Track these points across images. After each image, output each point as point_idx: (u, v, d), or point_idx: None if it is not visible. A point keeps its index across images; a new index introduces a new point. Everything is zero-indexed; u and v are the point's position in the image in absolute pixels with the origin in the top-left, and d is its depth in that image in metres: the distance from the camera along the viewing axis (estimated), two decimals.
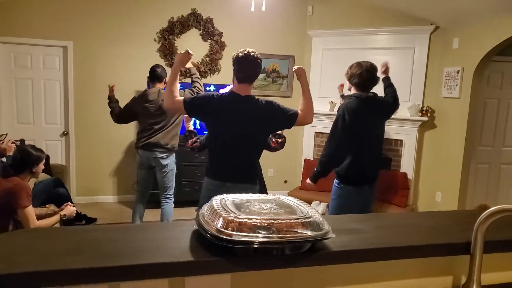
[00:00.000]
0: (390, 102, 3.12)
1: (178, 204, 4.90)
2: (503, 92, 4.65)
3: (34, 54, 4.73)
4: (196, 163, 4.91)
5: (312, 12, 5.45)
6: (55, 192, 3.70)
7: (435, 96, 4.79)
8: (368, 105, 2.89)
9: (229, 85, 4.94)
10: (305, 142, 5.56)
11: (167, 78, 3.55)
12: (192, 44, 5.11)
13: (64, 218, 2.95)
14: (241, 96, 2.34)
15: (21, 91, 4.76)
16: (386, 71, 3.26)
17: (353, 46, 5.23)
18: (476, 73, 4.33)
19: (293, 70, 2.49)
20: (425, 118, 4.77)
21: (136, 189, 3.84)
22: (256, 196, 1.24)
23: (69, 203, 3.08)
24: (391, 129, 4.96)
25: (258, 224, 1.01)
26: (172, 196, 3.76)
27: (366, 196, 2.98)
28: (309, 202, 5.08)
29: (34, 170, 2.80)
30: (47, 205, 3.56)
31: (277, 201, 1.21)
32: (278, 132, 2.88)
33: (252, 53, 2.30)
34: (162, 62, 5.04)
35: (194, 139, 2.91)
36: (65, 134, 4.93)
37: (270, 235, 1.00)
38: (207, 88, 5.04)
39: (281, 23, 5.44)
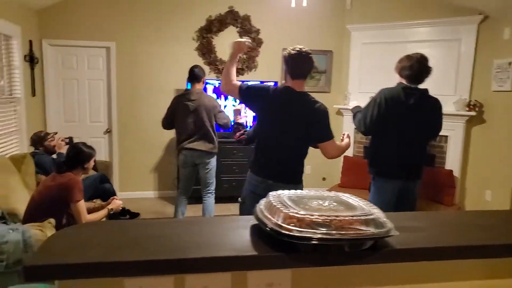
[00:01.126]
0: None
1: (216, 200, 4.97)
2: None
3: (80, 55, 4.91)
4: (235, 160, 4.94)
5: (351, 5, 5.33)
6: (101, 187, 3.82)
7: (484, 89, 4.56)
8: (409, 96, 2.79)
9: (266, 81, 4.93)
10: None
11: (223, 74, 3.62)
12: (229, 42, 5.11)
13: (111, 212, 3.05)
14: (297, 92, 2.37)
15: (68, 91, 4.96)
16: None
17: (394, 40, 5.08)
18: None
19: None
20: (473, 113, 4.56)
21: (179, 187, 3.92)
22: (312, 193, 1.22)
23: (116, 197, 3.18)
24: None
25: (320, 220, 1.00)
26: (214, 191, 3.85)
27: (404, 192, 2.89)
28: None
29: (85, 166, 2.90)
30: (93, 200, 3.69)
31: (335, 198, 1.19)
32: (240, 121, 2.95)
33: (304, 50, 2.36)
34: (200, 60, 5.10)
35: (242, 131, 2.93)
36: (108, 131, 5.09)
37: (332, 232, 0.98)
38: None
39: (319, 18, 5.36)
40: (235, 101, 4.83)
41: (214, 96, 4.71)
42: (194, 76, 3.70)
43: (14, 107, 4.08)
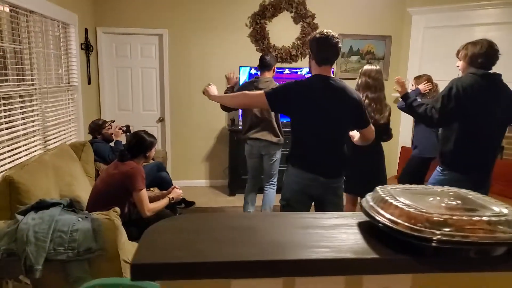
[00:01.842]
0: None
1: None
2: None
3: (133, 43, 4.94)
4: (285, 151, 4.81)
5: None
6: (158, 176, 3.83)
7: None
8: (487, 83, 2.55)
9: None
10: (402, 129, 5.20)
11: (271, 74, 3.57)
12: (284, 27, 4.99)
13: (173, 201, 3.04)
14: (331, 79, 2.26)
15: (122, 79, 5.02)
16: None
17: (458, 23, 4.73)
18: None
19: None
20: None
21: (248, 178, 3.87)
22: (423, 187, 1.09)
23: (176, 186, 3.16)
24: None
25: (447, 219, 0.86)
26: (276, 183, 3.76)
27: (476, 187, 2.64)
28: None
29: (147, 154, 2.89)
30: (151, 188, 3.72)
31: (454, 194, 1.05)
32: None
33: (330, 34, 2.22)
34: (253, 47, 4.99)
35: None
36: (161, 120, 5.12)
37: (459, 233, 0.84)
38: (299, 73, 4.91)
39: (377, 1, 5.09)
40: None
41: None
42: (265, 64, 3.61)
43: (72, 95, 4.16)
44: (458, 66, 2.73)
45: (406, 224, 0.86)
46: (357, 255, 0.88)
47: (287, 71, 4.89)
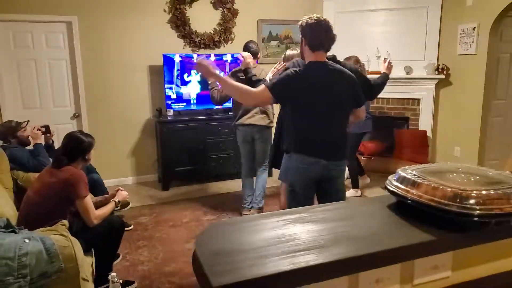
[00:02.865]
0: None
1: (205, 179, 4.87)
2: None
3: (35, 32, 4.37)
4: (220, 138, 4.81)
5: None
6: (89, 178, 3.51)
7: (450, 53, 4.84)
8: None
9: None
10: None
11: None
12: (204, 13, 4.88)
13: (119, 205, 2.84)
14: (327, 64, 2.26)
15: (24, 73, 4.43)
16: (389, 68, 3.13)
17: (366, 8, 5.16)
18: (492, 29, 4.38)
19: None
20: (442, 76, 4.84)
21: (242, 167, 3.90)
22: (436, 165, 1.22)
23: (120, 188, 2.96)
24: (408, 89, 5.03)
25: (492, 195, 0.97)
26: (268, 164, 3.84)
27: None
28: None
29: (87, 157, 2.65)
30: None
31: (469, 169, 1.17)
32: None
33: (322, 18, 2.21)
34: (174, 33, 4.81)
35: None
36: (77, 116, 4.68)
37: (496, 207, 0.97)
38: (224, 58, 4.87)
39: None
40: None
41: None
42: (251, 52, 3.58)
43: None
44: None
45: (451, 202, 0.97)
46: (409, 241, 0.94)
47: (212, 57, 4.82)
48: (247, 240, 0.96)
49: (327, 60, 2.30)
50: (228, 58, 4.85)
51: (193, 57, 4.73)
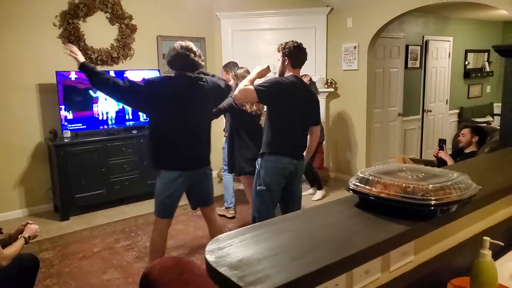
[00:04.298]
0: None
1: (108, 204, 4.54)
2: (386, 62, 5.58)
3: None
4: (124, 158, 4.56)
5: None
6: None
7: (336, 69, 5.44)
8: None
9: (143, 69, 4.69)
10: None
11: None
12: (100, 28, 4.61)
13: (29, 240, 2.52)
14: (302, 79, 2.88)
15: None
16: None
17: (261, 27, 5.49)
18: (369, 48, 5.08)
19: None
20: (331, 89, 5.40)
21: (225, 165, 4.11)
22: (383, 166, 1.41)
23: (28, 221, 2.61)
24: None
25: (435, 188, 1.16)
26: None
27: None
28: None
29: None
30: None
31: (413, 169, 1.37)
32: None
33: (300, 44, 2.75)
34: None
35: None
36: None
37: (443, 197, 1.18)
38: (125, 75, 4.66)
39: (190, 5, 5.33)
40: None
41: None
42: (236, 74, 3.82)
43: None
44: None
45: (413, 196, 1.14)
46: (382, 237, 1.07)
47: (112, 74, 4.56)
48: (260, 248, 1.00)
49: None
50: (129, 74, 4.64)
51: None
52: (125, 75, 4.64)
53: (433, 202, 1.13)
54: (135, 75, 4.60)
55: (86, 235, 3.90)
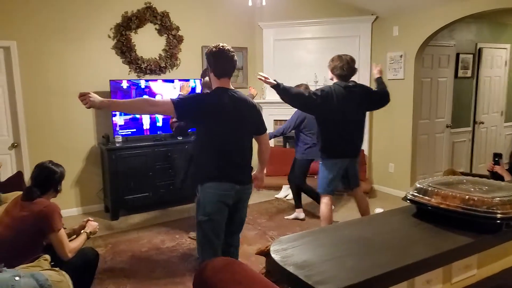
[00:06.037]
0: (378, 93, 3.55)
1: (154, 206, 4.72)
2: (434, 71, 5.45)
3: None
4: (169, 163, 4.73)
5: (262, 4, 5.56)
6: None
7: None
8: (346, 92, 3.29)
9: (188, 79, 4.85)
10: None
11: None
12: (149, 39, 4.85)
13: (91, 236, 2.69)
14: (232, 91, 2.37)
15: None
16: (380, 72, 3.71)
17: (303, 36, 5.54)
18: (416, 57, 4.99)
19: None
20: None
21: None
22: (441, 178, 1.41)
23: (90, 218, 2.80)
24: None
25: (497, 202, 1.14)
26: None
27: (347, 167, 3.48)
28: (279, 188, 5.32)
29: (58, 188, 2.49)
30: None
31: (474, 181, 1.37)
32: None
33: (226, 47, 2.31)
34: (119, 59, 4.69)
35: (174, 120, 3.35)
36: (15, 146, 4.29)
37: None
38: (172, 84, 4.86)
39: (233, 16, 5.48)
40: None
41: None
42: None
43: None
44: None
45: (476, 208, 1.14)
46: (455, 245, 1.08)
47: (160, 83, 4.78)
48: (321, 251, 1.04)
49: (231, 87, 2.40)
50: (176, 83, 4.84)
51: (140, 83, 4.65)
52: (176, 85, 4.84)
53: (499, 216, 1.13)
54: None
55: (134, 235, 4.07)
